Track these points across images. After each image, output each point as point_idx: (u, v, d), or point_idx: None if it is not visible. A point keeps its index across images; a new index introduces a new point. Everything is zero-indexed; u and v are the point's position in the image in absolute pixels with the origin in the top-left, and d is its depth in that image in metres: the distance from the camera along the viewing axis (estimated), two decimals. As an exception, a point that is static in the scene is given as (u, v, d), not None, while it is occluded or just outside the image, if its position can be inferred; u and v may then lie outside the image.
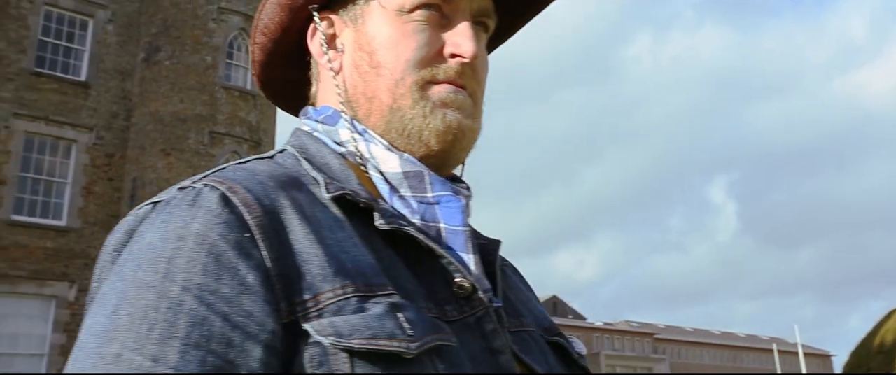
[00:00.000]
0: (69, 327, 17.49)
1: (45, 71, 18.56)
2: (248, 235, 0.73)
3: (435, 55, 0.90)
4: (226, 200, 0.75)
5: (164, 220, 0.75)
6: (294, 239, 0.75)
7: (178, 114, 19.57)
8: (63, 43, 19.08)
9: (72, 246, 18.02)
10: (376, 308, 0.73)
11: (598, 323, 78.14)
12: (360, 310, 0.73)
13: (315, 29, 0.95)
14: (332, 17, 0.95)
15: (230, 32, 20.82)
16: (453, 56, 0.90)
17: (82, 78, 19.16)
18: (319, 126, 0.93)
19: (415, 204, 0.87)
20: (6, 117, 17.70)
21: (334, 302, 0.73)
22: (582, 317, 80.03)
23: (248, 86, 20.81)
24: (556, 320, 72.85)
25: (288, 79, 1.05)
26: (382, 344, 0.71)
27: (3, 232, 17.11)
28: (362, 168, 0.90)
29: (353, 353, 0.70)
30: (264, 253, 0.73)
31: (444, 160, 0.91)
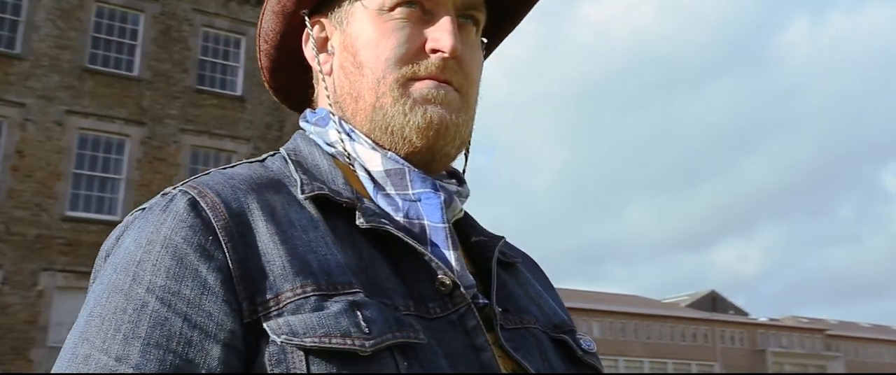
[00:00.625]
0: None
1: (205, 88, 20.00)
2: (212, 238, 0.77)
3: (416, 52, 0.90)
4: (194, 205, 0.79)
5: (140, 226, 0.80)
6: (259, 241, 0.78)
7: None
8: (220, 61, 20.49)
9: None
10: (335, 306, 0.75)
11: (762, 319, 74.01)
12: (318, 309, 0.75)
13: (308, 33, 0.97)
14: (323, 20, 0.97)
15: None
16: (434, 51, 0.89)
17: (238, 92, 20.43)
18: (313, 128, 0.96)
19: (399, 202, 0.88)
20: (175, 133, 19.15)
21: (293, 302, 0.75)
22: (744, 313, 76.14)
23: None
24: (716, 316, 69.70)
25: (295, 83, 1.05)
26: (336, 343, 0.72)
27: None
28: (351, 167, 0.92)
29: (307, 351, 0.72)
30: (227, 254, 0.76)
31: (429, 156, 0.90)
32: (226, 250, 0.76)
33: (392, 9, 0.91)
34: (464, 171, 1.01)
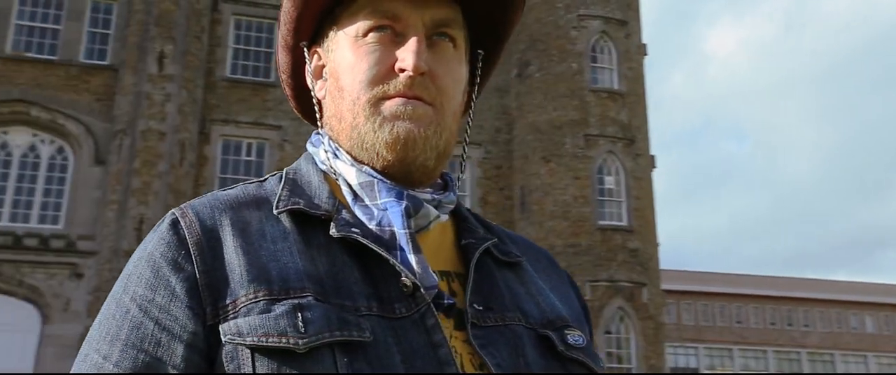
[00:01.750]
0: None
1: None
2: (184, 252, 0.88)
3: (386, 72, 0.95)
4: (174, 224, 0.91)
5: (141, 244, 0.93)
6: (226, 253, 0.88)
7: (554, 121, 20.41)
8: (446, 71, 21.28)
9: (477, 251, 19.73)
10: (280, 309, 0.82)
11: None
12: (266, 311, 0.82)
13: (306, 63, 1.05)
14: (318, 50, 1.04)
15: (591, 37, 21.22)
16: (401, 70, 0.93)
17: (466, 100, 21.08)
18: (311, 147, 1.04)
19: (374, 211, 0.94)
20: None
21: (245, 305, 0.84)
22: None
23: (615, 86, 20.92)
24: None
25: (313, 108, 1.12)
26: (272, 341, 0.80)
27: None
28: (337, 182, 0.98)
29: (252, 350, 0.81)
30: (196, 266, 0.87)
31: (404, 168, 0.94)
32: (195, 263, 0.87)
33: (365, 34, 0.97)
34: (459, 177, 1.06)
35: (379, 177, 0.95)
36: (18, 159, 18.02)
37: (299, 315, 0.82)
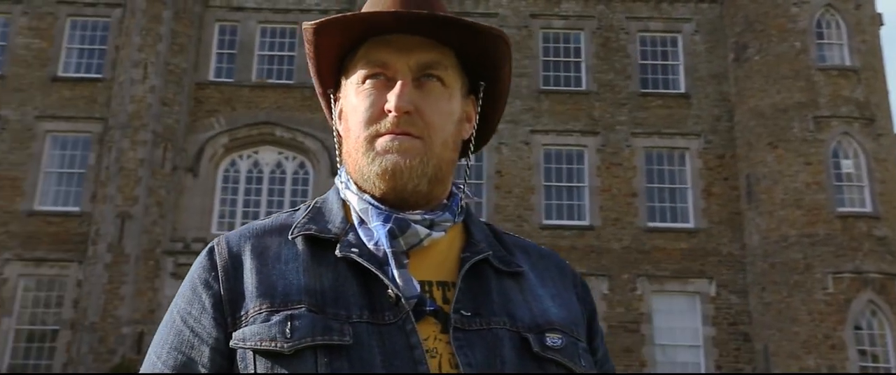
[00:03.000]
0: (716, 320, 18.36)
1: (649, 90, 20.58)
2: (214, 274, 1.09)
3: (378, 113, 1.10)
4: (210, 252, 1.12)
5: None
6: (245, 274, 1.07)
7: (778, 105, 19.25)
8: (659, 62, 20.89)
9: (703, 245, 19.11)
10: (276, 318, 1.01)
11: None
12: (266, 321, 1.01)
13: (333, 108, 1.22)
14: (339, 95, 1.20)
15: (814, 12, 19.81)
16: (389, 111, 1.08)
17: (682, 90, 20.57)
18: (336, 179, 1.20)
19: (374, 233, 1.09)
20: (626, 137, 20.06)
21: (253, 316, 1.03)
22: None
23: (847, 63, 19.37)
24: None
25: None
26: (265, 345, 1.00)
27: (643, 238, 19.15)
28: (350, 209, 1.14)
29: (253, 352, 1.00)
30: (221, 285, 1.07)
31: (397, 194, 1.09)
32: (221, 282, 1.08)
33: (363, 81, 1.13)
34: (462, 199, 1.19)
35: (374, 203, 1.10)
36: (268, 175, 20.04)
37: (288, 323, 1.00)
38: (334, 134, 1.22)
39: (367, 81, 1.12)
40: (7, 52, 20.34)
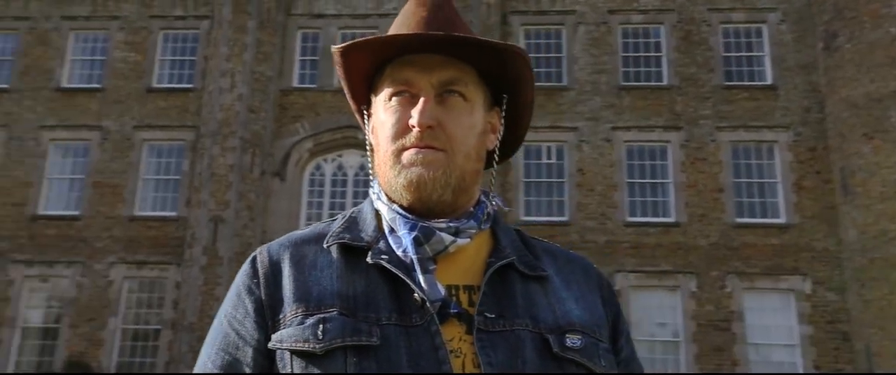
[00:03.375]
0: (812, 318, 17.78)
1: (734, 83, 20.06)
2: (256, 281, 1.16)
3: (403, 129, 1.16)
4: (253, 260, 1.20)
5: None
6: (284, 281, 1.14)
7: (872, 94, 18.50)
8: (744, 53, 20.34)
9: (796, 241, 18.53)
10: (310, 320, 1.08)
11: None
12: (301, 324, 1.09)
13: (367, 123, 1.29)
14: (371, 111, 1.27)
15: (911, -5, 18.88)
16: (412, 126, 1.14)
17: (768, 81, 19.97)
18: (370, 190, 1.26)
19: (402, 240, 1.15)
20: (711, 132, 19.62)
21: (290, 319, 1.10)
22: None
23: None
24: None
25: None
26: (299, 346, 1.07)
27: (731, 234, 18.71)
28: (381, 217, 1.21)
29: (290, 353, 1.08)
30: (262, 291, 1.15)
31: (423, 204, 1.15)
32: (262, 289, 1.15)
33: (390, 98, 1.20)
34: (489, 207, 1.23)
35: (401, 212, 1.17)
36: (352, 177, 20.48)
37: (321, 326, 1.07)
38: (368, 147, 1.29)
39: (393, 98, 1.19)
40: (106, 66, 21.44)
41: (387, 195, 1.20)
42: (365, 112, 1.29)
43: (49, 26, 21.83)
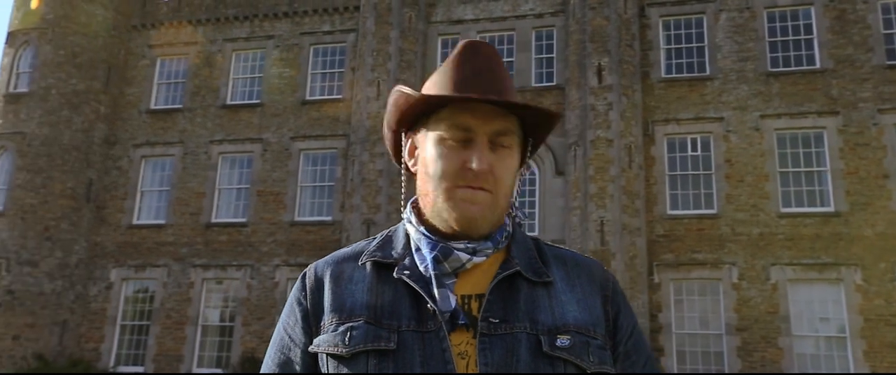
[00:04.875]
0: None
1: (895, 62, 18.72)
2: (303, 294, 1.36)
3: (460, 168, 1.30)
4: (303, 276, 1.39)
5: None
6: (325, 294, 1.34)
7: None
8: (906, 30, 18.86)
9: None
10: (341, 328, 1.27)
11: None
12: (334, 331, 1.28)
13: (403, 145, 1.43)
14: (414, 136, 1.41)
15: None
16: (470, 169, 1.28)
17: (935, 57, 18.39)
18: (404, 212, 1.42)
19: (425, 258, 1.31)
20: (873, 115, 18.45)
21: (327, 326, 1.30)
22: None
23: None
24: None
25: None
26: (330, 349, 1.26)
27: (897, 225, 17.38)
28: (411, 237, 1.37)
29: (326, 355, 1.27)
30: (307, 302, 1.35)
31: (466, 234, 1.31)
32: (308, 300, 1.36)
33: (447, 138, 1.32)
34: (508, 228, 1.38)
35: (425, 234, 1.34)
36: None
37: (349, 332, 1.26)
38: (402, 168, 1.45)
39: (451, 139, 1.32)
40: (264, 83, 23.07)
41: (421, 218, 1.38)
42: (404, 135, 1.43)
43: (213, 50, 23.77)
